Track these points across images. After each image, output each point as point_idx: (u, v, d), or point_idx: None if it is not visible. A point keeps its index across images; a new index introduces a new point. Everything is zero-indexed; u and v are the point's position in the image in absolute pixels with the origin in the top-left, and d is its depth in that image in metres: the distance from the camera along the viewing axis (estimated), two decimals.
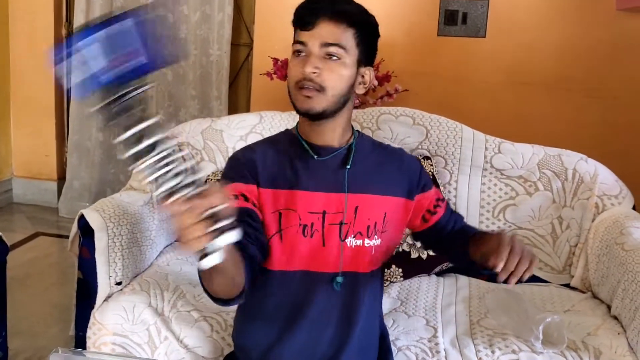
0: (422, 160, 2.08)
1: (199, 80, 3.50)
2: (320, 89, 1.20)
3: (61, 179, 3.81)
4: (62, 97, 3.79)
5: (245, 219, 1.20)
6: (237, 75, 3.61)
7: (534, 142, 2.17)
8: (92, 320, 1.66)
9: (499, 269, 1.12)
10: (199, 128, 2.21)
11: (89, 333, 1.67)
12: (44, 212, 3.74)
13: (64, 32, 3.70)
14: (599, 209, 2.00)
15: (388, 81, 2.96)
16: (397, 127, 2.15)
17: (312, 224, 1.25)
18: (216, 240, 0.82)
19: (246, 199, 1.23)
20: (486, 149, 2.12)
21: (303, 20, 1.21)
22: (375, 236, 1.28)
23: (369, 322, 1.34)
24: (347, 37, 1.21)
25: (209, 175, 2.17)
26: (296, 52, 1.23)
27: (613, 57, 2.95)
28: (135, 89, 0.82)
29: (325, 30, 1.20)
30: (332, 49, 1.20)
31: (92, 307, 1.67)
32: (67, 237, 1.81)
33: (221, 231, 0.82)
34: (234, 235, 0.83)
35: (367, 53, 1.27)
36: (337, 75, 1.21)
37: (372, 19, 1.26)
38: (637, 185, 2.34)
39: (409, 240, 2.00)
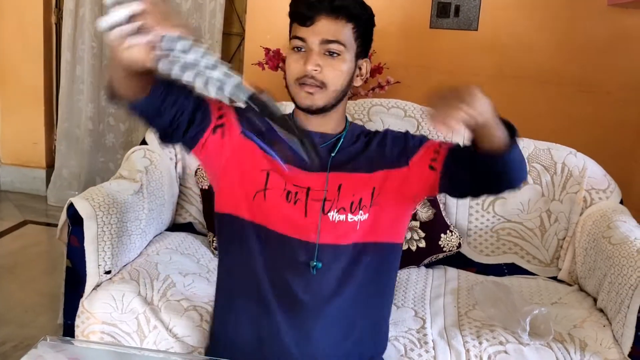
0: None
1: None
2: (322, 86, 1.22)
3: (50, 167, 3.78)
4: (51, 85, 3.75)
5: (197, 104, 1.21)
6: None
7: (524, 135, 2.16)
8: (80, 309, 1.66)
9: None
10: None
11: (77, 322, 1.66)
12: (32, 200, 3.71)
13: (53, 19, 3.66)
14: (587, 202, 2.02)
15: (380, 73, 2.96)
16: (389, 119, 2.15)
17: (296, 193, 1.27)
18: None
19: (220, 116, 1.25)
20: None
21: (301, 15, 1.21)
22: (361, 211, 1.28)
23: (362, 308, 1.32)
24: (346, 32, 1.23)
25: (199, 165, 2.16)
26: (295, 48, 1.24)
27: (605, 53, 2.96)
28: None
29: (325, 27, 1.21)
30: (333, 46, 1.21)
31: (81, 296, 1.67)
32: (56, 225, 1.80)
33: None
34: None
35: (365, 45, 1.28)
36: (338, 72, 1.23)
37: (369, 11, 1.27)
38: (625, 179, 2.36)
39: None
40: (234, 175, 1.29)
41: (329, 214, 1.27)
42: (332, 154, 1.31)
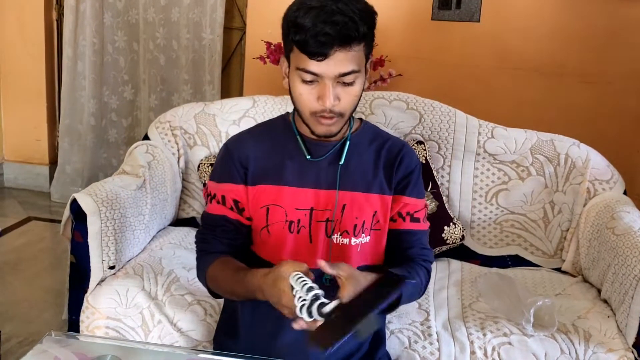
0: (415, 145, 2.08)
1: (191, 65, 3.48)
2: (340, 115, 1.20)
3: (53, 163, 3.78)
4: (52, 81, 3.75)
5: (232, 228, 1.29)
6: (229, 60, 3.58)
7: (527, 127, 2.18)
8: (85, 304, 1.66)
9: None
10: (192, 112, 2.20)
11: (82, 317, 1.67)
12: (35, 196, 3.72)
13: (54, 15, 3.66)
14: (591, 193, 2.01)
15: (382, 66, 2.95)
16: (391, 111, 2.14)
17: (298, 221, 1.26)
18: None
19: (232, 207, 1.29)
20: (479, 133, 2.12)
21: (313, 50, 1.13)
22: (363, 234, 1.28)
23: None
24: (360, 55, 1.17)
25: (201, 160, 2.16)
26: (307, 81, 1.17)
27: (607, 43, 2.95)
28: None
29: (341, 60, 1.14)
30: (349, 77, 1.16)
31: (85, 292, 1.67)
32: (60, 221, 1.80)
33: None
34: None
35: (371, 47, 1.23)
36: (354, 97, 1.20)
37: (373, 15, 1.18)
38: (628, 170, 2.36)
39: None
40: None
41: (332, 237, 1.27)
42: (341, 162, 1.28)
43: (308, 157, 1.27)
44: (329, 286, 1.22)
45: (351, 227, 1.27)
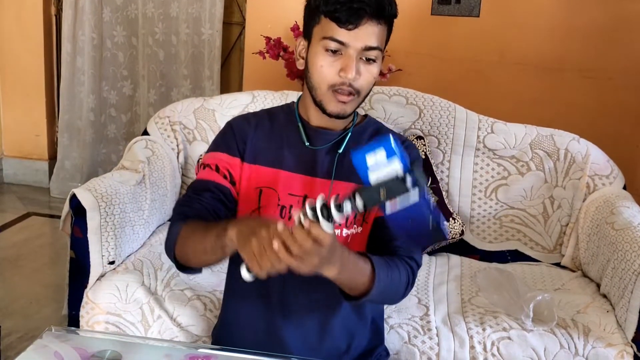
0: (415, 140, 2.08)
1: (190, 60, 3.47)
2: (356, 93, 1.17)
3: (52, 158, 3.78)
4: (52, 77, 3.75)
5: (221, 197, 1.22)
6: (229, 55, 3.58)
7: (527, 122, 2.18)
8: (85, 299, 1.66)
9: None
10: (192, 107, 2.20)
11: (82, 312, 1.67)
12: (35, 192, 3.72)
13: (53, 10, 3.65)
14: (590, 188, 2.01)
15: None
16: (391, 106, 2.14)
17: (290, 207, 1.23)
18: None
19: (225, 176, 1.24)
20: (479, 128, 2.12)
21: (345, 17, 1.12)
22: (355, 225, 1.24)
23: (353, 307, 1.30)
24: (384, 35, 1.17)
25: (201, 155, 2.16)
26: (331, 51, 1.15)
27: (607, 38, 2.94)
28: None
29: (369, 32, 1.13)
30: (372, 53, 1.15)
31: (85, 287, 1.68)
32: (59, 217, 1.80)
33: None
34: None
35: (388, 40, 1.23)
36: (372, 78, 1.18)
37: (396, 6, 1.18)
38: (628, 165, 2.36)
39: None
40: (240, 198, 1.27)
41: None
42: (339, 151, 1.25)
43: (307, 144, 1.25)
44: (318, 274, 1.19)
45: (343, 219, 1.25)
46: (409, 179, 0.89)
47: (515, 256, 2.08)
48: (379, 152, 0.91)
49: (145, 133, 2.17)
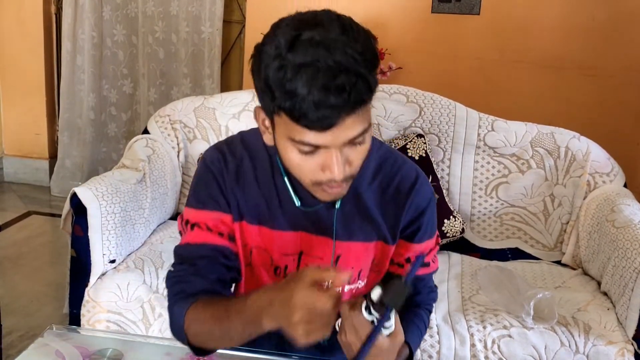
0: (415, 138, 2.08)
1: (190, 58, 3.47)
2: (351, 177, 0.94)
3: (53, 157, 3.78)
4: (52, 75, 3.74)
5: (221, 259, 1.04)
6: (229, 53, 3.58)
7: (528, 120, 2.18)
8: (86, 298, 1.67)
9: None
10: (192, 106, 2.20)
11: (83, 311, 1.67)
12: (35, 191, 3.72)
13: (53, 8, 3.65)
14: (591, 186, 2.01)
15: (382, 59, 2.94)
16: (391, 105, 2.14)
17: (285, 267, 1.08)
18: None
19: (221, 233, 1.04)
20: (479, 126, 2.12)
21: (314, 124, 0.84)
22: (359, 281, 1.11)
23: None
24: (369, 109, 0.89)
25: (201, 154, 2.16)
26: (305, 152, 0.89)
27: (608, 36, 2.94)
28: None
29: (349, 126, 0.86)
30: (360, 138, 0.89)
31: (86, 285, 1.68)
32: (60, 215, 1.80)
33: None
34: None
35: None
36: (364, 155, 0.93)
37: (377, 47, 0.89)
38: (629, 163, 2.35)
39: None
40: None
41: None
42: (337, 207, 1.04)
43: (298, 204, 1.04)
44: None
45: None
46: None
47: (515, 254, 2.08)
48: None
49: (146, 132, 2.17)
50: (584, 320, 1.60)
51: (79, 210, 1.66)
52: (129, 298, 1.65)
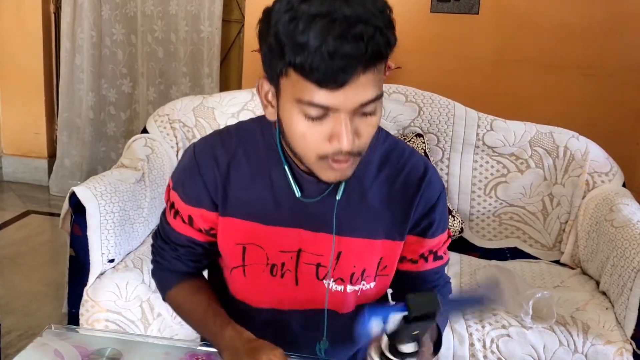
0: (414, 137, 2.08)
1: (190, 58, 3.47)
2: (358, 154, 0.89)
3: (52, 156, 3.78)
4: (51, 74, 3.74)
5: (199, 252, 1.07)
6: (228, 52, 3.58)
7: (527, 119, 2.18)
8: (84, 297, 1.67)
9: None
10: (191, 105, 2.20)
11: (81, 310, 1.67)
12: (34, 190, 3.72)
13: (52, 8, 3.64)
14: (590, 186, 2.02)
15: None
16: (390, 104, 2.14)
17: (282, 264, 1.02)
18: None
19: (201, 230, 1.04)
20: (478, 126, 2.12)
21: (327, 78, 0.79)
22: (363, 282, 1.04)
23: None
24: (382, 74, 0.85)
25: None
26: (312, 118, 0.84)
27: (608, 35, 2.94)
28: None
29: (361, 86, 0.81)
30: (371, 106, 0.85)
31: (85, 285, 1.68)
32: (59, 215, 1.80)
33: None
34: None
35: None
36: (373, 130, 0.89)
37: (393, 22, 0.84)
38: (628, 162, 2.36)
39: None
40: (220, 251, 1.08)
41: (323, 281, 1.03)
42: (337, 197, 0.99)
43: (298, 195, 0.98)
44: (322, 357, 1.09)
45: (347, 275, 1.03)
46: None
47: (514, 254, 2.08)
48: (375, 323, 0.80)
49: (145, 131, 2.17)
50: (583, 320, 1.60)
51: (77, 210, 1.66)
52: (127, 297, 1.65)
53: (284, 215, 1.00)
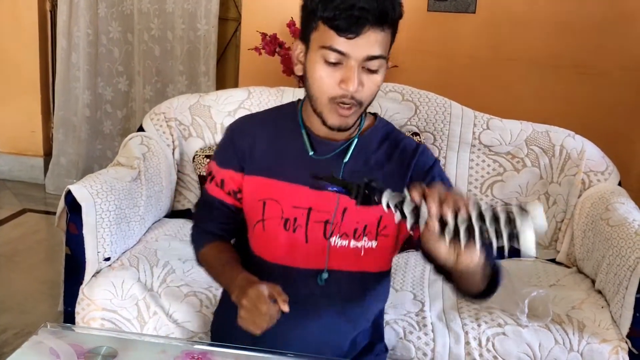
0: (411, 136, 2.08)
1: (186, 56, 3.46)
2: (358, 104, 1.11)
3: (48, 155, 3.77)
4: (47, 72, 3.73)
5: (228, 213, 1.27)
6: (225, 51, 3.57)
7: (523, 118, 2.18)
8: (80, 295, 1.66)
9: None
10: (187, 104, 2.20)
11: (77, 309, 1.67)
12: (30, 188, 3.71)
13: (48, 5, 3.63)
14: (586, 185, 2.02)
15: None
16: (386, 103, 2.14)
17: (295, 219, 1.20)
18: None
19: (230, 192, 1.26)
20: (475, 125, 2.12)
21: (345, 26, 1.04)
22: (365, 238, 1.20)
23: (362, 318, 1.29)
24: (388, 41, 1.10)
25: (196, 152, 2.16)
26: (330, 63, 1.08)
27: (604, 34, 2.94)
28: None
29: (371, 41, 1.06)
30: (375, 63, 1.08)
31: (81, 283, 1.67)
32: (55, 213, 1.80)
33: None
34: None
35: (393, 41, 1.15)
36: (375, 87, 1.11)
37: (401, 7, 1.13)
38: (623, 161, 2.36)
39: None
40: (245, 209, 1.27)
41: (331, 239, 1.19)
42: (345, 160, 1.19)
43: (311, 153, 1.19)
44: (324, 286, 1.22)
45: (351, 231, 1.19)
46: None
47: (510, 252, 2.08)
48: None
49: (141, 129, 2.16)
50: (578, 318, 1.61)
51: (73, 208, 1.65)
52: (123, 296, 1.65)
53: (298, 173, 1.19)
